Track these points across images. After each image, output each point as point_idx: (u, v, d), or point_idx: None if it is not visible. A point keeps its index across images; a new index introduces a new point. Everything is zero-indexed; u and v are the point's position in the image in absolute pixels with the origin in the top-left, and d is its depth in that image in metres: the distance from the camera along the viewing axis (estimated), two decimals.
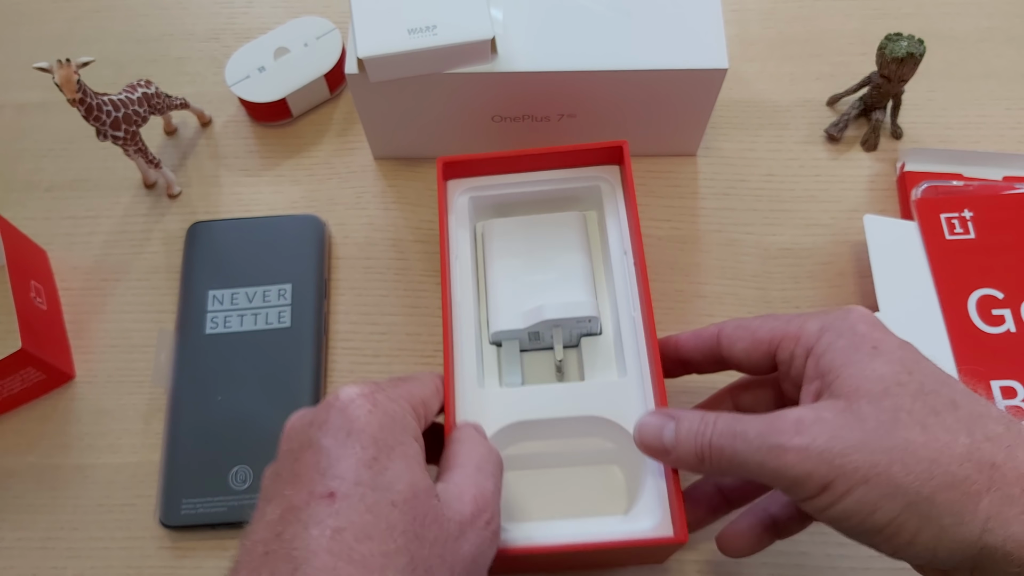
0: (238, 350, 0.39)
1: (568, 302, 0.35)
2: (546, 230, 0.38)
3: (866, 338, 0.25)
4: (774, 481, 0.24)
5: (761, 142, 0.47)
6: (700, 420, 0.26)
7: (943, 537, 0.22)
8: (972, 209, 0.40)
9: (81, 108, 0.39)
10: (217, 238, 0.43)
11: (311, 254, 0.42)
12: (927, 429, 0.23)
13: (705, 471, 0.26)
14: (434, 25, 0.38)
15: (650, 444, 0.28)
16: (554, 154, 0.37)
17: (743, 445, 0.24)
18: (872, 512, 0.22)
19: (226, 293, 0.41)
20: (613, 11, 0.40)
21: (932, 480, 0.22)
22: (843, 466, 0.22)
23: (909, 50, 0.41)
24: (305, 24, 0.48)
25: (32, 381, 0.40)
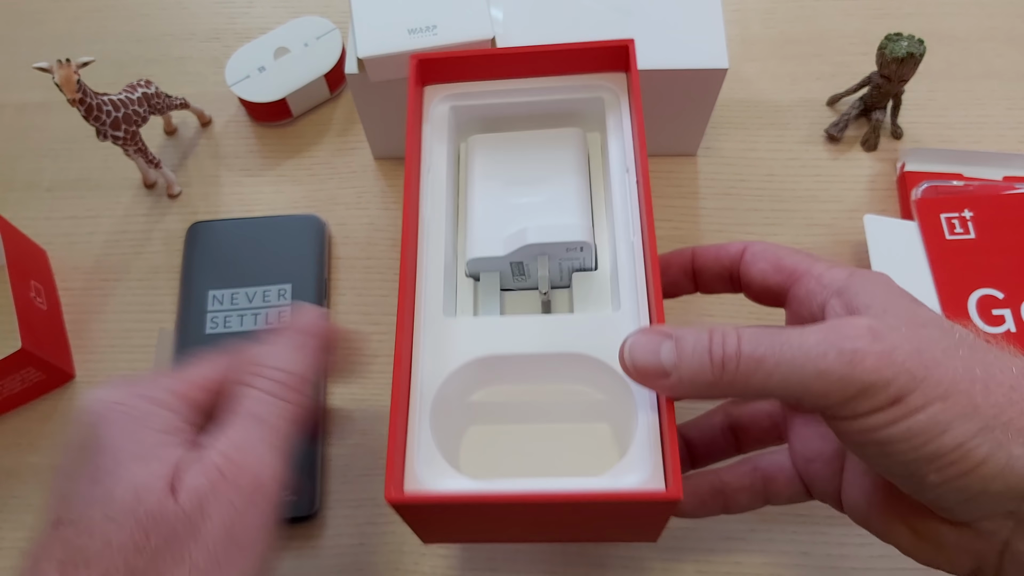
0: None
1: (555, 225, 0.30)
2: (538, 148, 0.33)
3: (900, 289, 0.23)
4: (834, 391, 0.21)
5: (762, 142, 0.47)
6: (711, 332, 0.22)
7: (1009, 468, 0.20)
8: (972, 209, 0.40)
9: (81, 108, 0.40)
10: (217, 238, 0.43)
11: (311, 254, 0.42)
12: (1000, 359, 0.21)
13: (721, 392, 0.22)
14: (434, 25, 0.38)
15: (642, 365, 0.23)
16: (549, 54, 0.32)
17: (794, 351, 0.21)
18: (942, 432, 0.20)
19: (226, 293, 0.41)
20: (613, 11, 0.40)
21: (1013, 406, 0.20)
22: (926, 378, 0.20)
23: (909, 50, 0.41)
24: (305, 24, 0.48)
25: (32, 381, 0.40)
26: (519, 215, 0.31)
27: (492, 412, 0.29)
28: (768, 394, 0.22)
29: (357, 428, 0.40)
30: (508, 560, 0.37)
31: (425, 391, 0.28)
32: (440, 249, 0.30)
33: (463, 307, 0.31)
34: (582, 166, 0.33)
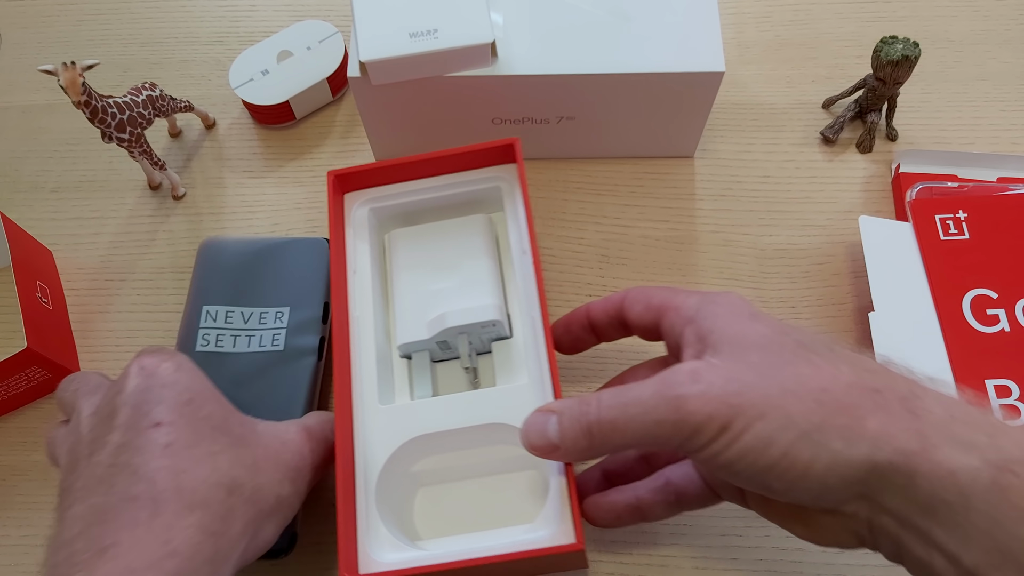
0: (227, 371, 0.37)
1: (470, 307, 0.35)
2: (450, 236, 0.38)
3: (743, 309, 0.27)
4: (673, 435, 0.24)
5: (757, 144, 0.47)
6: (580, 403, 0.26)
7: (835, 462, 0.22)
8: (966, 210, 0.41)
9: (86, 110, 0.40)
10: (223, 254, 0.40)
11: (315, 278, 0.39)
12: (813, 364, 0.24)
13: (596, 452, 0.26)
14: (435, 29, 0.38)
15: (536, 444, 0.27)
16: (446, 157, 0.37)
17: (636, 409, 0.25)
18: (768, 446, 0.23)
19: (220, 310, 0.38)
20: (612, 15, 0.41)
21: (823, 407, 0.23)
22: (740, 404, 0.23)
23: (904, 53, 0.42)
24: (308, 28, 0.49)
25: (37, 380, 0.40)
26: (439, 300, 0.36)
27: (436, 475, 0.34)
28: (631, 446, 0.26)
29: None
30: None
31: (369, 473, 0.32)
32: (371, 343, 0.35)
33: (399, 385, 0.36)
34: (490, 247, 0.38)
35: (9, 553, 0.38)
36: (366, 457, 0.33)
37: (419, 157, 0.36)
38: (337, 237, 0.36)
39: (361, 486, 0.32)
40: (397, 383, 0.36)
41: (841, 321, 0.42)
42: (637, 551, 0.37)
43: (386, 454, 0.32)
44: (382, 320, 0.37)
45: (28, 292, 0.40)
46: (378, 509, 0.31)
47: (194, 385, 0.29)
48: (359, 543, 0.30)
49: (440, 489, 0.34)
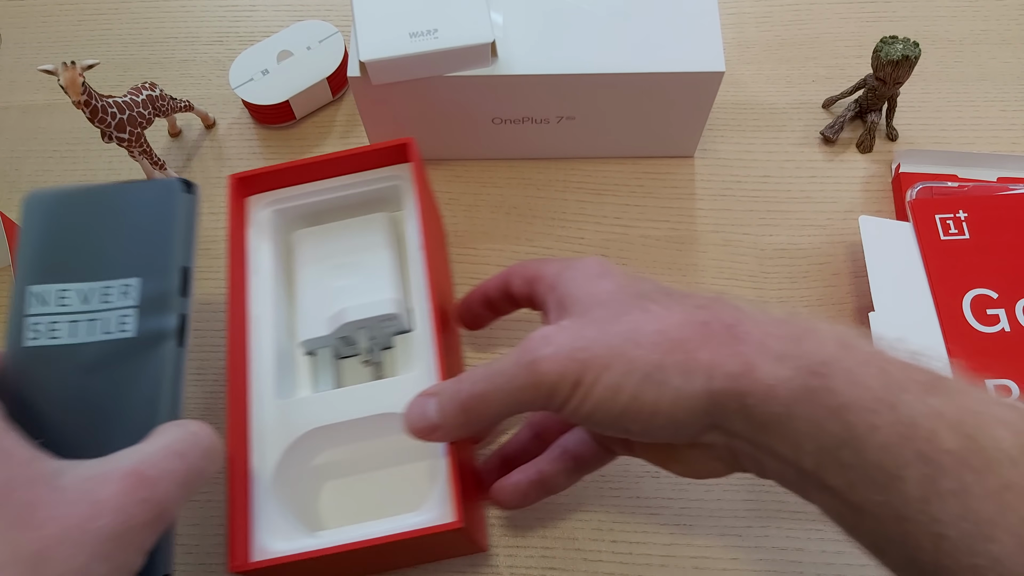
0: (70, 370, 0.28)
1: (367, 302, 0.36)
2: (353, 234, 0.38)
3: (595, 268, 0.28)
4: (535, 398, 0.25)
5: (758, 144, 0.47)
6: (455, 382, 0.27)
7: (678, 397, 0.24)
8: (967, 210, 0.41)
9: (86, 110, 0.40)
10: (49, 213, 0.30)
11: (166, 235, 0.30)
12: (648, 310, 0.25)
13: (474, 426, 0.27)
14: (435, 29, 0.38)
15: (418, 426, 0.28)
16: (345, 158, 0.37)
17: (501, 379, 0.26)
18: (617, 393, 0.24)
19: (50, 291, 0.29)
20: (611, 15, 0.41)
21: (659, 348, 0.24)
22: (587, 359, 0.25)
23: (904, 53, 0.42)
24: (308, 28, 0.49)
25: None
26: (340, 296, 0.36)
27: (340, 467, 0.35)
28: (505, 414, 0.27)
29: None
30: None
31: (266, 466, 0.32)
32: (270, 341, 0.35)
33: (303, 382, 0.36)
34: (391, 244, 0.38)
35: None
36: (263, 451, 0.33)
37: (319, 158, 0.37)
38: (237, 238, 0.37)
39: (257, 479, 0.32)
40: (300, 380, 0.37)
41: (841, 321, 0.42)
42: (637, 551, 0.37)
43: (283, 447, 0.33)
44: (284, 318, 0.37)
45: None
46: (276, 501, 0.32)
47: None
48: (254, 535, 0.31)
49: (344, 481, 0.35)
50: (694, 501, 0.38)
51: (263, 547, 0.31)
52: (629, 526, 0.38)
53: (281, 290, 0.37)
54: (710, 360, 0.24)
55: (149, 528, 0.23)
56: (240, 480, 0.31)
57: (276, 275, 0.37)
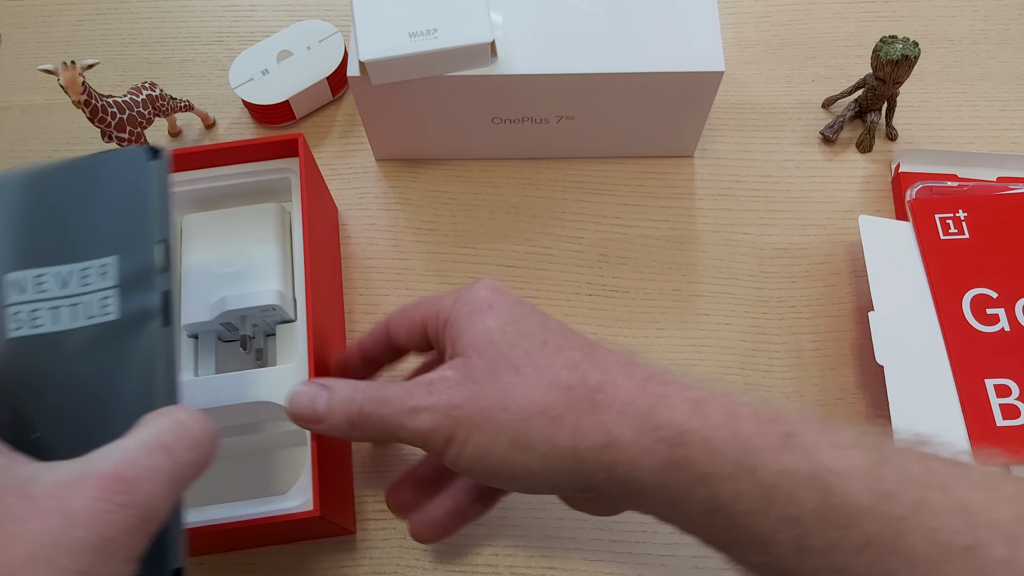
0: (55, 360, 0.26)
1: (250, 292, 0.37)
2: (242, 222, 0.39)
3: (484, 301, 0.27)
4: (413, 440, 0.26)
5: (757, 144, 0.47)
6: (351, 387, 0.28)
7: (547, 462, 0.24)
8: (966, 210, 0.41)
9: (86, 110, 0.40)
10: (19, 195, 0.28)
11: (140, 207, 0.28)
12: (519, 370, 0.25)
13: (356, 436, 0.29)
14: (435, 28, 0.38)
15: (302, 413, 0.28)
16: (234, 148, 0.38)
17: (387, 409, 0.26)
18: (487, 455, 0.25)
19: (27, 277, 0.27)
20: (611, 14, 0.41)
21: (524, 413, 0.24)
22: (459, 417, 0.25)
23: (904, 52, 0.42)
24: (308, 28, 0.49)
25: None
26: (224, 283, 0.37)
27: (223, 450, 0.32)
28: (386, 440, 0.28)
29: None
30: (514, 551, 0.37)
31: None
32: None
33: (185, 364, 0.37)
34: (279, 235, 0.39)
35: None
36: None
37: (210, 147, 0.38)
38: None
39: None
40: (183, 362, 0.37)
41: (841, 320, 0.42)
42: (637, 551, 0.37)
43: None
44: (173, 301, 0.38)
45: None
46: None
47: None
48: None
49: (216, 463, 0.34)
50: None
51: None
52: (629, 526, 0.38)
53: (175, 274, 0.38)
54: (573, 429, 0.24)
55: (133, 534, 0.21)
56: None
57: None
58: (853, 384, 0.41)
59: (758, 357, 0.41)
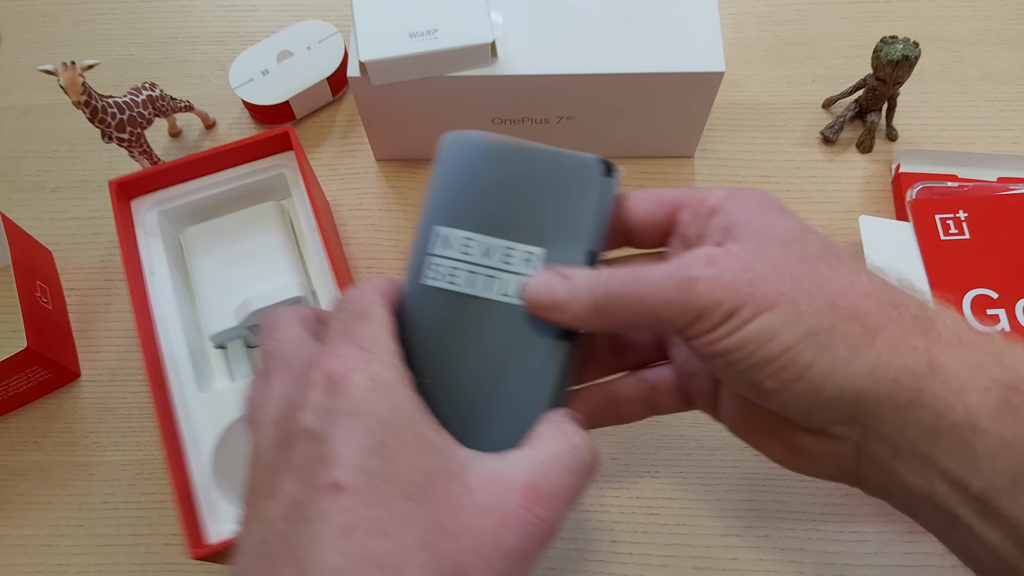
0: (455, 321, 0.27)
1: (271, 289, 0.37)
2: (243, 226, 0.39)
3: (772, 204, 0.25)
4: (678, 316, 0.23)
5: (757, 144, 0.47)
6: (595, 272, 0.25)
7: (835, 370, 0.21)
8: (967, 210, 0.41)
9: (86, 110, 0.40)
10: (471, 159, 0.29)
11: (580, 214, 0.28)
12: (833, 267, 0.23)
13: (599, 324, 0.25)
14: (435, 29, 0.38)
15: (540, 301, 0.25)
16: (225, 152, 0.39)
17: (646, 285, 0.23)
18: (770, 339, 0.22)
19: (456, 235, 0.28)
20: (611, 15, 0.41)
21: (835, 312, 0.22)
22: (752, 293, 0.22)
23: (904, 53, 0.42)
24: (308, 28, 0.49)
25: (38, 380, 0.40)
26: (242, 286, 0.38)
27: None
28: (634, 324, 0.24)
29: None
30: None
31: (203, 456, 0.34)
32: (181, 339, 0.37)
33: (219, 374, 0.38)
34: (284, 231, 0.39)
35: (9, 553, 0.39)
36: (196, 443, 0.35)
37: (198, 155, 0.38)
38: (128, 243, 0.38)
39: (196, 470, 0.34)
40: (216, 373, 0.38)
41: None
42: (637, 550, 0.37)
43: (214, 435, 0.35)
44: (190, 316, 0.38)
45: (28, 292, 0.40)
46: (218, 487, 0.34)
47: (390, 416, 0.21)
48: (202, 522, 0.34)
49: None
50: (694, 501, 0.38)
51: (214, 531, 0.33)
52: (629, 526, 0.38)
53: (181, 288, 0.39)
54: (888, 345, 0.21)
55: (542, 550, 0.22)
56: (180, 474, 0.34)
57: (172, 274, 0.38)
58: None
59: None
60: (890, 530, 0.37)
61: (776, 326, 0.22)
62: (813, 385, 0.22)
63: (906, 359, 0.21)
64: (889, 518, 0.38)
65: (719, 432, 0.40)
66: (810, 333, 0.21)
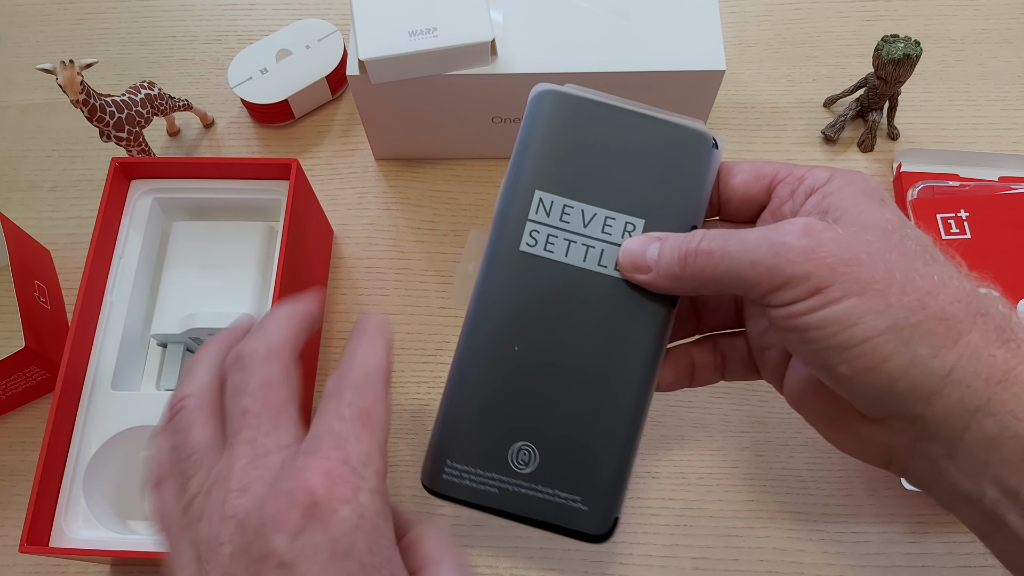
0: (547, 291, 0.26)
1: (221, 312, 0.37)
2: (229, 238, 0.40)
3: (876, 191, 0.25)
4: (764, 280, 0.23)
5: (758, 143, 0.47)
6: (685, 235, 0.25)
7: (913, 367, 0.22)
8: (968, 209, 0.40)
9: (85, 109, 0.40)
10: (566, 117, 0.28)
11: (686, 187, 0.27)
12: (928, 265, 0.23)
13: (685, 283, 0.25)
14: (434, 27, 0.38)
15: (634, 260, 0.26)
16: (231, 164, 0.39)
17: (737, 245, 0.23)
18: (854, 325, 0.22)
19: (556, 202, 0.27)
20: (611, 13, 0.41)
21: (923, 309, 0.22)
22: (845, 274, 0.22)
23: (905, 52, 0.42)
24: (307, 26, 0.49)
25: (35, 380, 0.40)
26: (200, 298, 0.38)
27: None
28: (717, 284, 0.24)
29: None
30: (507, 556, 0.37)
31: (83, 455, 0.34)
32: (119, 331, 0.37)
33: (150, 371, 0.38)
34: (263, 257, 0.39)
35: (9, 553, 0.38)
36: (84, 438, 0.35)
37: (205, 159, 0.39)
38: (108, 221, 0.38)
39: (71, 467, 0.34)
40: (148, 369, 0.38)
41: None
42: (637, 551, 0.37)
43: (104, 438, 0.35)
44: (143, 306, 0.39)
45: (26, 292, 0.40)
46: (85, 490, 0.34)
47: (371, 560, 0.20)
48: (57, 520, 0.34)
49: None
50: (695, 502, 0.38)
51: (64, 534, 0.33)
52: (629, 527, 0.38)
53: (144, 277, 0.39)
54: (969, 351, 0.21)
55: None
56: (53, 467, 0.34)
57: (140, 263, 0.38)
58: None
59: None
60: (891, 531, 0.37)
61: (862, 313, 0.22)
62: (888, 378, 0.22)
63: (983, 366, 0.21)
64: (890, 519, 0.38)
65: (719, 433, 0.40)
66: (895, 326, 0.21)
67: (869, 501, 0.38)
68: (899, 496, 0.38)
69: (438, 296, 0.44)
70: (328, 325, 0.43)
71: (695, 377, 0.29)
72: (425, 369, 0.42)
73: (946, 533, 0.37)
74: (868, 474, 0.38)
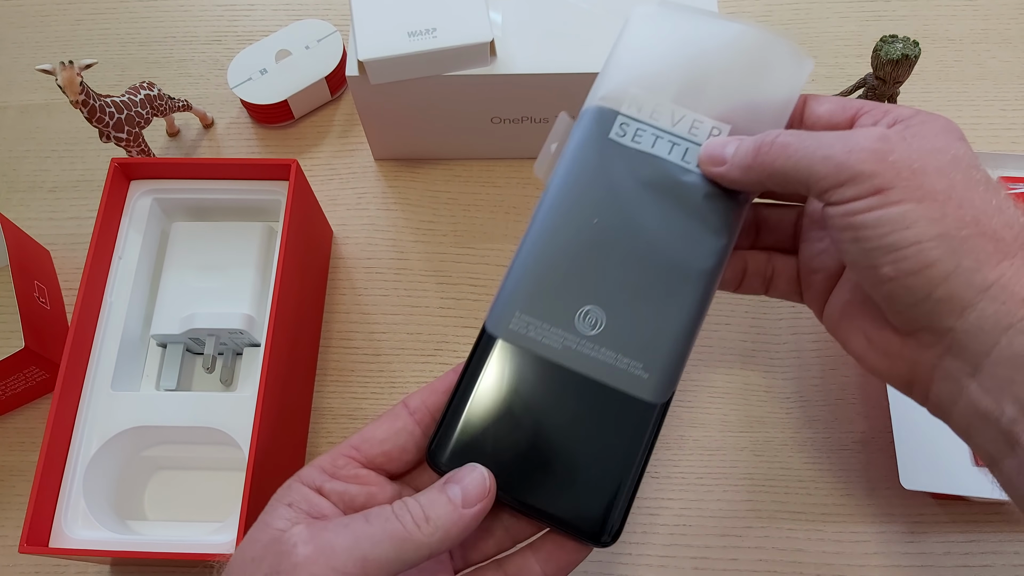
0: (636, 174, 0.28)
1: (220, 313, 0.37)
2: (228, 239, 0.40)
3: (956, 130, 0.26)
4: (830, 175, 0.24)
5: None
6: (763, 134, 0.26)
7: (954, 276, 0.22)
8: None
9: (84, 110, 0.40)
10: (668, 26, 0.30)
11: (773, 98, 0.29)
12: (990, 192, 0.24)
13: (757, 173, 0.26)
14: (434, 28, 0.38)
15: (711, 154, 0.27)
16: (230, 165, 0.39)
17: (811, 140, 0.24)
18: (907, 227, 0.23)
19: (650, 100, 0.28)
20: (609, 13, 0.41)
21: (976, 225, 0.23)
22: (909, 179, 0.23)
23: (904, 52, 0.42)
24: (306, 27, 0.49)
25: (35, 380, 0.40)
26: (199, 298, 0.38)
27: (172, 461, 0.37)
28: (785, 177, 0.25)
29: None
30: None
31: (84, 455, 0.34)
32: (118, 331, 0.37)
33: (149, 371, 0.38)
34: (261, 257, 0.40)
35: (9, 554, 0.38)
36: (84, 438, 0.35)
37: (205, 160, 0.38)
38: (108, 222, 0.38)
39: (71, 467, 0.34)
40: (147, 369, 0.38)
41: None
42: (637, 551, 0.37)
43: (104, 438, 0.35)
44: (143, 306, 0.39)
45: (26, 292, 0.40)
46: (85, 490, 0.34)
47: None
48: (57, 520, 0.33)
49: (174, 475, 0.37)
50: (694, 501, 0.38)
51: (65, 534, 0.33)
52: (629, 527, 0.37)
53: (144, 277, 0.39)
54: (1013, 272, 0.22)
55: None
56: (53, 467, 0.34)
57: (140, 263, 0.38)
58: (853, 384, 0.40)
59: (758, 357, 0.41)
60: (889, 531, 0.37)
61: (917, 218, 0.23)
62: (928, 283, 0.23)
63: (1021, 288, 0.22)
64: (888, 518, 0.38)
65: (719, 432, 0.40)
66: (945, 235, 0.22)
67: (868, 501, 0.38)
68: (898, 496, 0.38)
69: (438, 296, 0.44)
70: (328, 325, 0.43)
71: (744, 283, 0.31)
72: (425, 369, 0.42)
73: (945, 533, 0.37)
74: (867, 474, 0.38)
